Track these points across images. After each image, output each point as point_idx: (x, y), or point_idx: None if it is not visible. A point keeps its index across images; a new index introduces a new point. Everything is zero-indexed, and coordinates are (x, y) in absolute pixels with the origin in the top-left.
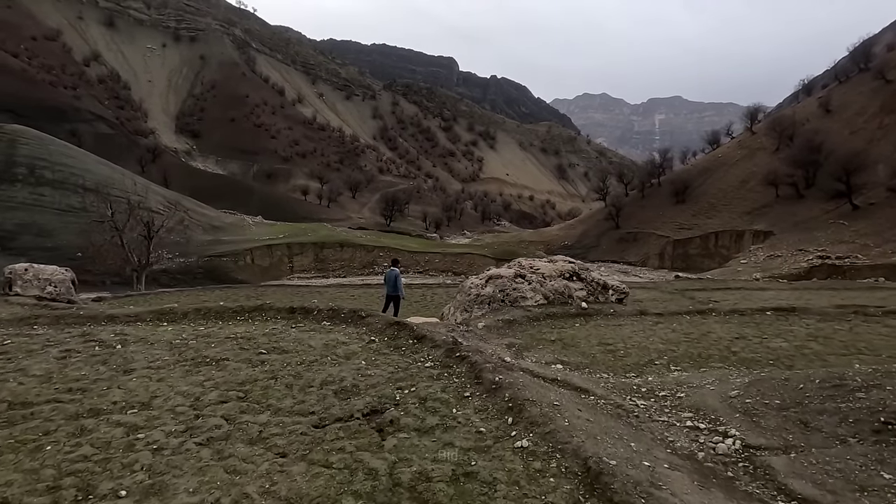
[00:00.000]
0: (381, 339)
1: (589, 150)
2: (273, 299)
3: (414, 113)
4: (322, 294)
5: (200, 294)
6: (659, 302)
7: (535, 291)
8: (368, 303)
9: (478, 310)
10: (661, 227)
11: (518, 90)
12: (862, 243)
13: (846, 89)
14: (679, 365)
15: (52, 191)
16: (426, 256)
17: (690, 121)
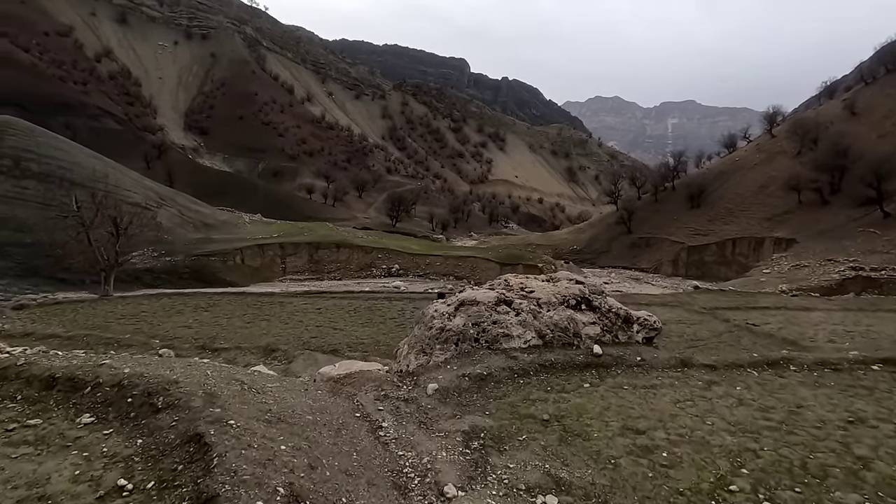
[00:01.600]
0: (150, 474)
1: (600, 153)
2: (156, 330)
3: (423, 113)
4: (283, 307)
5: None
6: (691, 330)
7: (526, 326)
8: (325, 327)
9: (440, 352)
10: (675, 233)
11: (529, 92)
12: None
13: (873, 91)
14: (775, 492)
15: (37, 184)
16: (427, 259)
17: (704, 125)
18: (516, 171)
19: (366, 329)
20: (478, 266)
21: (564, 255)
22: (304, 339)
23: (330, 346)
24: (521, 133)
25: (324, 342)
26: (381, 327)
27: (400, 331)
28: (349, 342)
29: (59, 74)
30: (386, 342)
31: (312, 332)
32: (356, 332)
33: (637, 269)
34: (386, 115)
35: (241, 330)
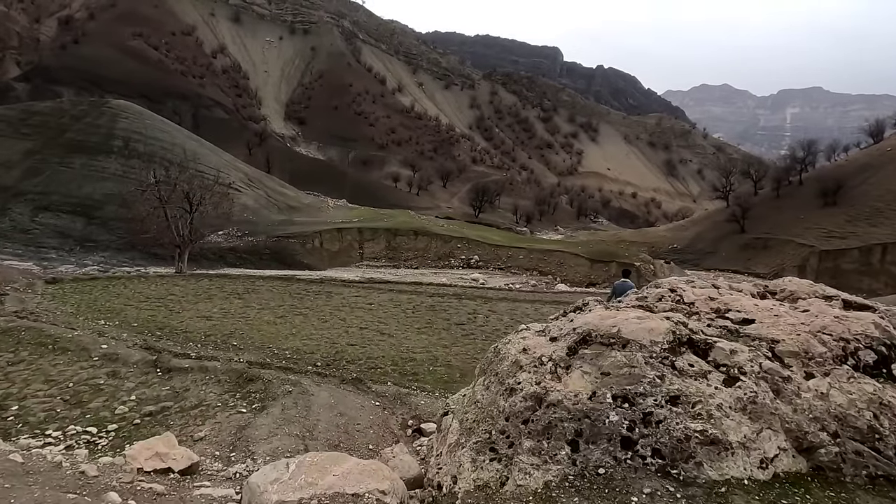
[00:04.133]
0: None
1: (705, 146)
2: None
3: (512, 103)
4: (329, 298)
5: None
6: None
7: (761, 416)
8: (370, 330)
9: (531, 461)
10: (801, 234)
11: (626, 81)
12: None
13: None
14: None
15: (141, 163)
16: (509, 251)
17: (832, 115)
18: (608, 163)
19: (422, 337)
20: (565, 262)
21: (662, 254)
22: (339, 345)
23: (365, 362)
24: (616, 123)
25: (361, 353)
26: (442, 336)
27: (468, 343)
28: (393, 357)
29: (181, 69)
30: (445, 361)
31: (352, 337)
32: (408, 340)
33: (751, 273)
34: (474, 105)
35: (266, 327)
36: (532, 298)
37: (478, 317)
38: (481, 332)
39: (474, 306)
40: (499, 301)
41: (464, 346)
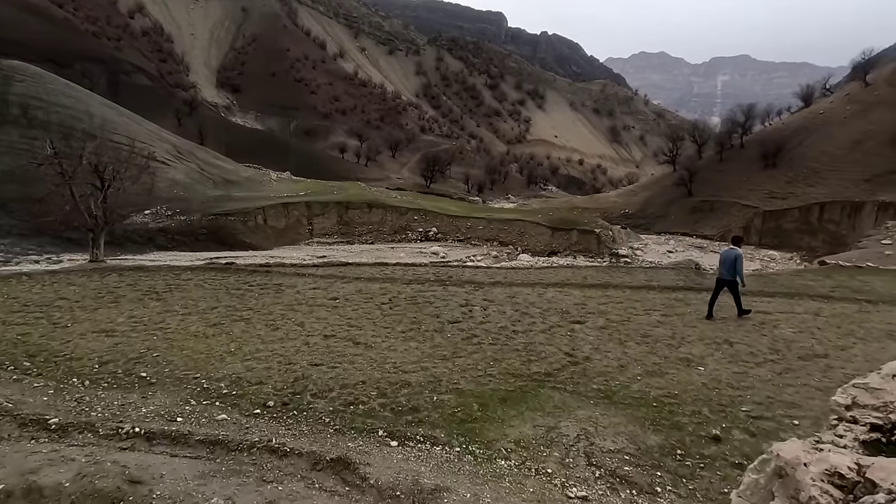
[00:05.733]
0: None
1: (646, 112)
2: None
3: (459, 69)
4: (280, 294)
5: None
6: None
7: None
8: (341, 339)
9: None
10: (745, 196)
11: (570, 48)
12: None
13: None
14: None
15: (46, 134)
16: (468, 222)
17: (758, 82)
18: (556, 130)
19: (411, 346)
20: (526, 231)
21: (615, 219)
22: (299, 366)
23: (339, 394)
24: (562, 90)
25: (331, 378)
26: (437, 342)
27: (474, 352)
28: (378, 382)
29: (92, 30)
30: (451, 384)
31: (315, 352)
32: (393, 352)
33: (700, 236)
34: (420, 72)
35: (192, 343)
36: (531, 281)
37: (474, 309)
38: (486, 334)
39: (465, 295)
40: (493, 286)
41: (470, 357)
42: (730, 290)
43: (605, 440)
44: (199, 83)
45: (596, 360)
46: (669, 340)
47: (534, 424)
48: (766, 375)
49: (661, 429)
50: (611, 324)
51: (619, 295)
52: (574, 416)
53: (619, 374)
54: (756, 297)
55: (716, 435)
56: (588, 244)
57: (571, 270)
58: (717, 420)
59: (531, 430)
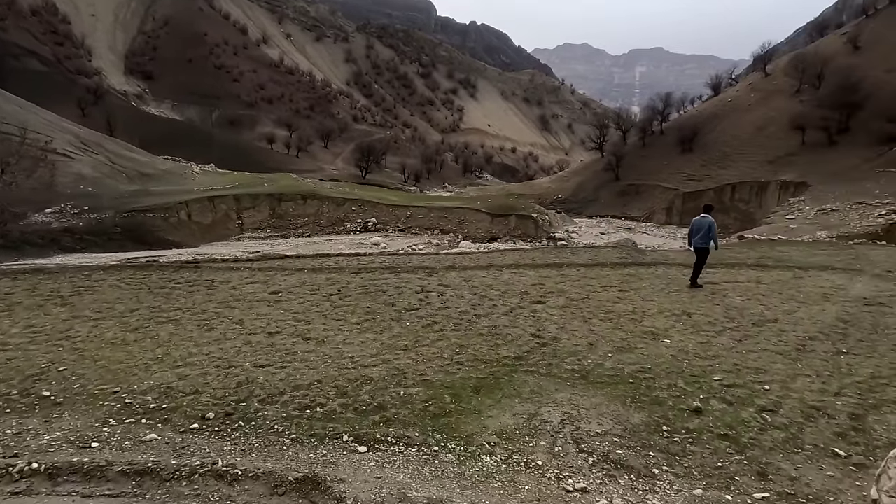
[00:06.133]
0: None
1: (573, 101)
2: None
3: (390, 57)
4: (213, 291)
5: None
6: None
7: None
8: (288, 335)
9: None
10: (667, 179)
11: (499, 38)
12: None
13: (877, 24)
14: None
15: None
16: (408, 211)
17: (672, 73)
18: (489, 119)
19: (368, 338)
20: (466, 218)
21: (549, 204)
22: (241, 368)
23: (291, 396)
24: (493, 79)
25: (281, 380)
26: (397, 332)
27: (437, 339)
28: (336, 380)
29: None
30: (417, 376)
31: (259, 351)
32: (349, 345)
33: (628, 217)
34: (350, 60)
35: (109, 352)
36: (485, 264)
37: (430, 295)
38: (447, 320)
39: (419, 281)
40: (447, 271)
41: (433, 345)
42: (700, 258)
43: (590, 423)
44: (105, 69)
45: (564, 339)
46: (632, 315)
47: (513, 413)
48: (728, 343)
49: (642, 405)
50: (572, 302)
51: (575, 273)
52: (553, 400)
53: (589, 352)
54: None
55: (696, 407)
56: (526, 229)
57: (518, 253)
58: (693, 392)
59: (512, 419)
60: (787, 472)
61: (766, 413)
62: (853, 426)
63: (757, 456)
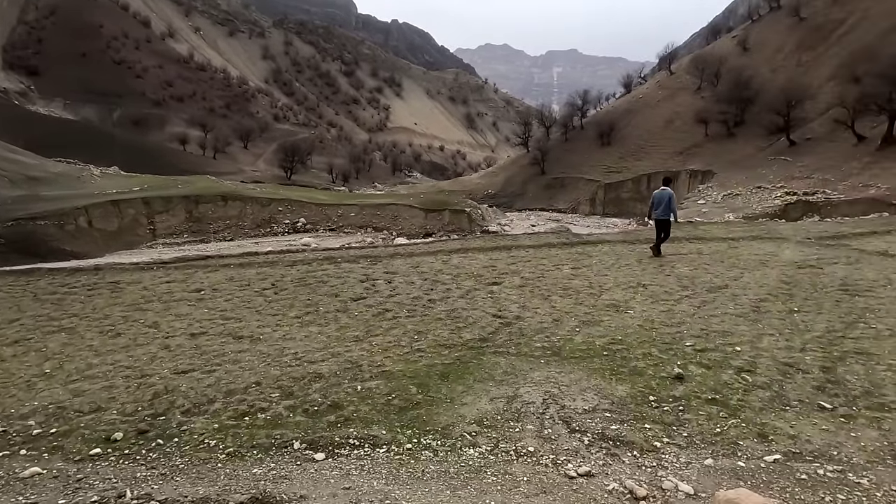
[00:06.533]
0: None
1: (497, 100)
2: None
3: (311, 55)
4: (118, 294)
5: None
6: None
7: None
8: (216, 335)
9: None
10: (589, 172)
11: (421, 37)
12: (821, 178)
13: (761, 28)
14: None
15: None
16: (339, 210)
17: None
18: (415, 117)
19: (313, 331)
20: (400, 214)
21: (480, 199)
22: (159, 376)
23: (224, 404)
24: (418, 78)
25: (209, 385)
26: (344, 323)
27: (392, 328)
28: (279, 379)
29: None
30: (374, 367)
31: (181, 356)
32: (292, 341)
33: (555, 210)
34: (268, 56)
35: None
36: (432, 250)
37: (377, 283)
38: (400, 307)
39: (363, 270)
40: (392, 258)
41: (388, 334)
42: (663, 229)
43: (574, 400)
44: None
45: (528, 317)
46: (590, 290)
47: (490, 397)
48: (689, 310)
49: (622, 377)
50: (528, 281)
51: (524, 254)
52: (530, 380)
53: (556, 328)
54: (645, 244)
55: (678, 374)
56: (460, 223)
57: (463, 242)
58: (669, 359)
59: (489, 404)
60: (784, 430)
61: (745, 374)
62: (827, 379)
63: (750, 417)
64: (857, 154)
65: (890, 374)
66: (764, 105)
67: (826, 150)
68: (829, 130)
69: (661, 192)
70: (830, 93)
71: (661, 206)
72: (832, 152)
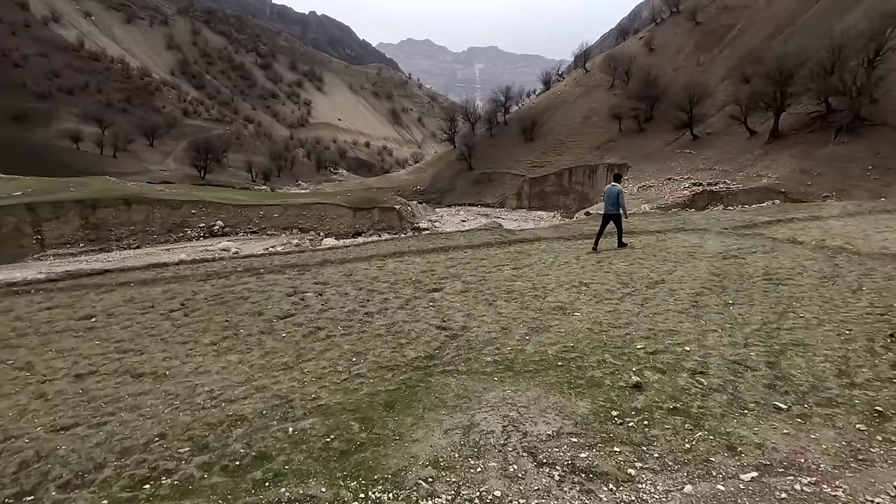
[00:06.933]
0: None
1: (421, 95)
2: None
3: (222, 45)
4: None
5: None
6: None
7: None
8: (107, 376)
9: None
10: (514, 166)
11: (342, 30)
12: (721, 169)
13: (664, 30)
14: None
15: None
16: (260, 211)
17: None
18: (338, 113)
19: (231, 360)
20: (327, 214)
21: (409, 196)
22: (27, 447)
23: (117, 472)
24: (339, 72)
25: (93, 445)
26: (269, 348)
27: (326, 349)
28: (189, 427)
29: None
30: (308, 401)
31: (64, 408)
32: (206, 375)
33: (483, 204)
34: (173, 46)
35: None
36: (364, 255)
37: (307, 297)
38: (334, 324)
39: (289, 282)
40: (322, 266)
41: (322, 358)
42: (614, 223)
43: (536, 424)
44: None
45: (474, 327)
46: (534, 292)
47: (444, 429)
48: (633, 309)
49: (581, 390)
50: (470, 286)
51: (463, 256)
52: (486, 403)
53: (505, 338)
54: (579, 241)
55: (636, 382)
56: (390, 221)
57: (393, 243)
58: (624, 365)
59: (444, 438)
60: (750, 439)
61: (699, 376)
62: (774, 375)
63: (715, 427)
64: (751, 147)
65: (829, 366)
66: (670, 102)
67: (724, 144)
68: (726, 125)
69: (610, 188)
70: (725, 91)
71: (611, 199)
72: (729, 146)
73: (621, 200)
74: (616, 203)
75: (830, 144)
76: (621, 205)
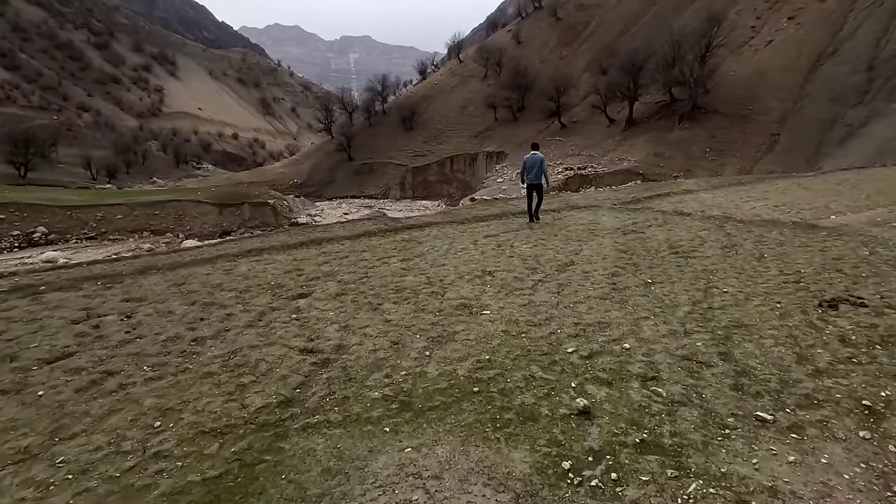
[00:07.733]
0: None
1: (293, 84)
2: None
3: (42, 20)
4: None
5: None
6: None
7: None
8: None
9: None
10: (396, 156)
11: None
12: (588, 154)
13: (529, 24)
14: None
15: None
16: (98, 212)
17: (381, 61)
18: (198, 101)
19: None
20: (186, 212)
21: (285, 190)
22: None
23: None
24: (197, 56)
25: None
26: (6, 414)
27: (116, 408)
28: None
29: None
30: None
31: None
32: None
33: (367, 196)
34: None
35: None
36: (208, 256)
37: (104, 322)
38: (135, 363)
39: (84, 300)
40: (141, 276)
41: (98, 429)
42: (537, 193)
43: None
44: None
45: (354, 345)
46: (429, 288)
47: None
48: (550, 300)
49: (513, 431)
50: (348, 286)
51: (340, 248)
52: (375, 480)
53: (398, 356)
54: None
55: (582, 406)
56: (264, 217)
57: (260, 239)
58: (559, 380)
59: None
60: (757, 480)
61: (653, 383)
62: (735, 370)
63: (704, 467)
64: (611, 133)
65: (783, 350)
66: (539, 92)
67: (588, 131)
68: (589, 114)
69: (532, 157)
70: (587, 82)
71: (534, 169)
72: (593, 133)
73: (544, 168)
74: (540, 172)
75: (675, 130)
76: (544, 172)
